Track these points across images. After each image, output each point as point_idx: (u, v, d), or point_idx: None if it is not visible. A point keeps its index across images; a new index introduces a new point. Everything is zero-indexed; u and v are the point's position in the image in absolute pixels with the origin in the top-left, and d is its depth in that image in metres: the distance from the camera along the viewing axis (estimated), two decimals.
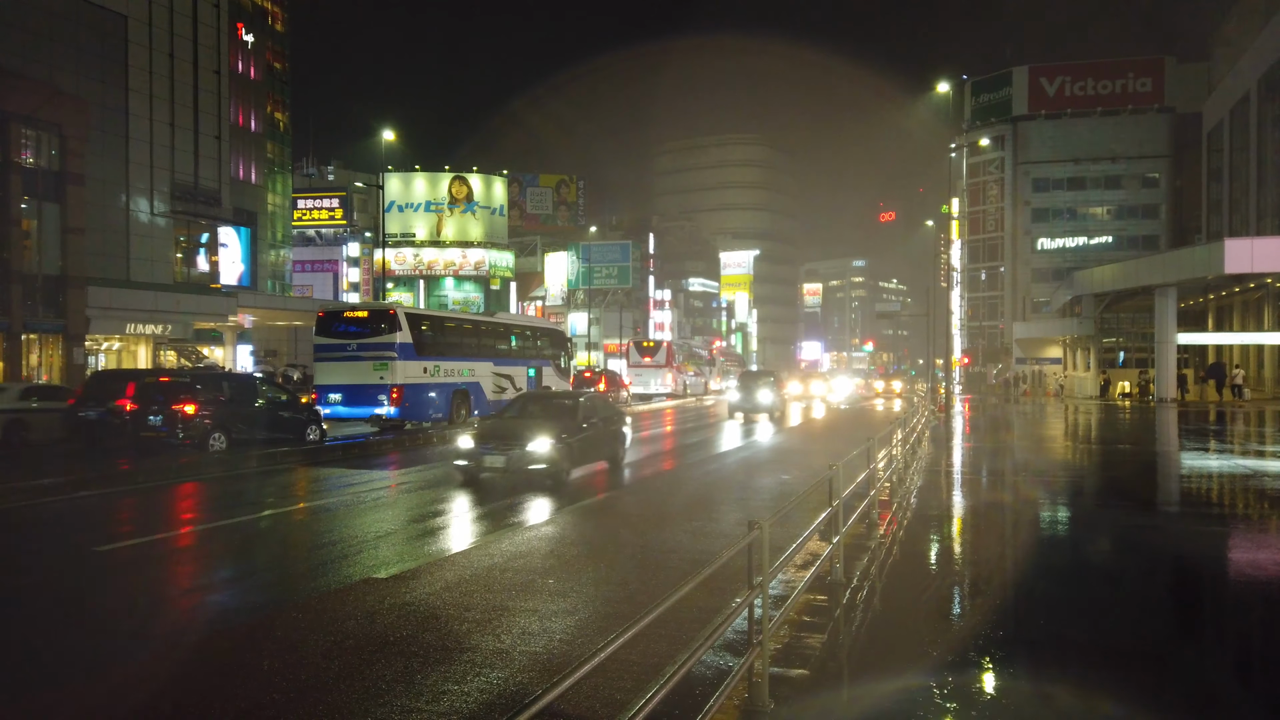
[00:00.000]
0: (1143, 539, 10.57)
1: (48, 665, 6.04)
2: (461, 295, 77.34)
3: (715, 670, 5.55)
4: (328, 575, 8.42)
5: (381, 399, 22.37)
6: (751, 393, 31.54)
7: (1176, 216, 73.76)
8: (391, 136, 42.48)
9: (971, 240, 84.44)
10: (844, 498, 7.32)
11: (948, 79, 72.71)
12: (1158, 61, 75.50)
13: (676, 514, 11.75)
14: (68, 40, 36.29)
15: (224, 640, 6.51)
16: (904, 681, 5.61)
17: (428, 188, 77.66)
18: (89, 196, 34.86)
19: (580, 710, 4.88)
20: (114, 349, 40.19)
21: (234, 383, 21.30)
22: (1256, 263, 33.90)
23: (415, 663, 5.82)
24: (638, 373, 50.35)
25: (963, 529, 10.96)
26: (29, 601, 7.87)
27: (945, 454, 19.39)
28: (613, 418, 16.44)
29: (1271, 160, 44.76)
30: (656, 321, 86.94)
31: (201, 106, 43.59)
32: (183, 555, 9.91)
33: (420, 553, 9.37)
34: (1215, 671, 6.26)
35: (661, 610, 3.67)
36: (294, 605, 7.32)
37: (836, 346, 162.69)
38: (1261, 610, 7.58)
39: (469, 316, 31.42)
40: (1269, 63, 44.36)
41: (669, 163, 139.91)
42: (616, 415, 16.76)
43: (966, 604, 7.61)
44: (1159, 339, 40.07)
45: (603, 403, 16.86)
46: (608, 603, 7.29)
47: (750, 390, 31.70)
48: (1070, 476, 16.34)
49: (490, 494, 13.31)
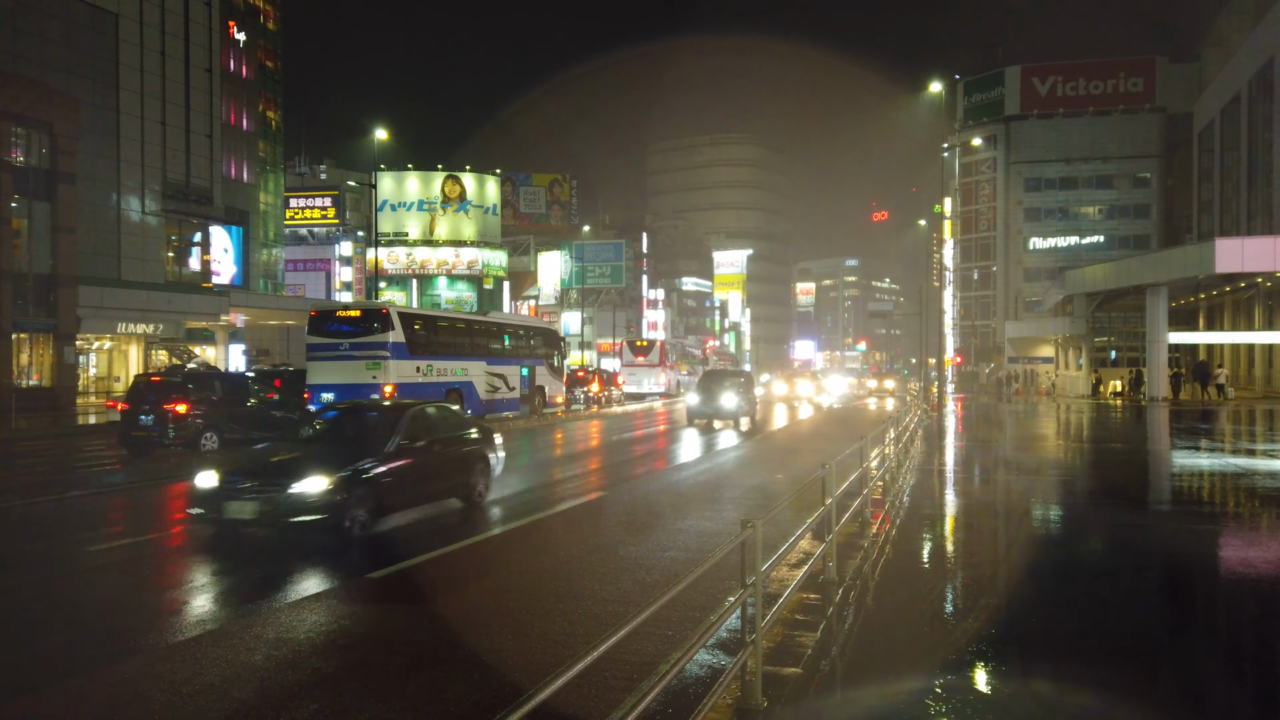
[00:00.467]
0: (1133, 537, 10.62)
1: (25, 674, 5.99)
2: (454, 295, 77.24)
3: (708, 669, 5.56)
4: (307, 580, 8.39)
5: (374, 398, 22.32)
6: (714, 396, 27.18)
7: (1168, 216, 74.07)
8: (384, 135, 42.38)
9: (964, 239, 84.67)
10: (836, 496, 7.33)
11: (940, 79, 72.70)
12: (1149, 62, 75.80)
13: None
14: (59, 38, 36.15)
15: (224, 634, 6.47)
16: (897, 679, 5.62)
17: (421, 187, 77.53)
18: (80, 195, 34.74)
19: (574, 709, 4.87)
20: (105, 348, 40.05)
21: (226, 382, 21.24)
22: (1247, 262, 34.05)
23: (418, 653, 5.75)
24: (631, 372, 50.68)
25: (955, 527, 10.99)
26: (21, 604, 7.84)
27: (937, 453, 19.43)
28: (466, 438, 12.32)
29: (1262, 160, 44.97)
30: (650, 321, 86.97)
31: (193, 105, 43.45)
32: (172, 555, 9.87)
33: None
34: (1208, 669, 6.29)
35: (655, 608, 3.67)
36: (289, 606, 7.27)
37: (830, 346, 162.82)
38: (1253, 607, 7.61)
39: (462, 316, 31.37)
40: (1260, 63, 44.56)
41: (662, 162, 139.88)
42: (476, 434, 12.63)
43: (959, 602, 7.63)
44: (1150, 338, 40.21)
45: (449, 417, 12.67)
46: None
47: (712, 393, 27.27)
48: (1061, 475, 16.39)
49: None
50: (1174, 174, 72.40)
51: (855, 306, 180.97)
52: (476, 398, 26.32)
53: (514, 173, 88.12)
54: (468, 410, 25.84)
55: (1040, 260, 77.08)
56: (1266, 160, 44.29)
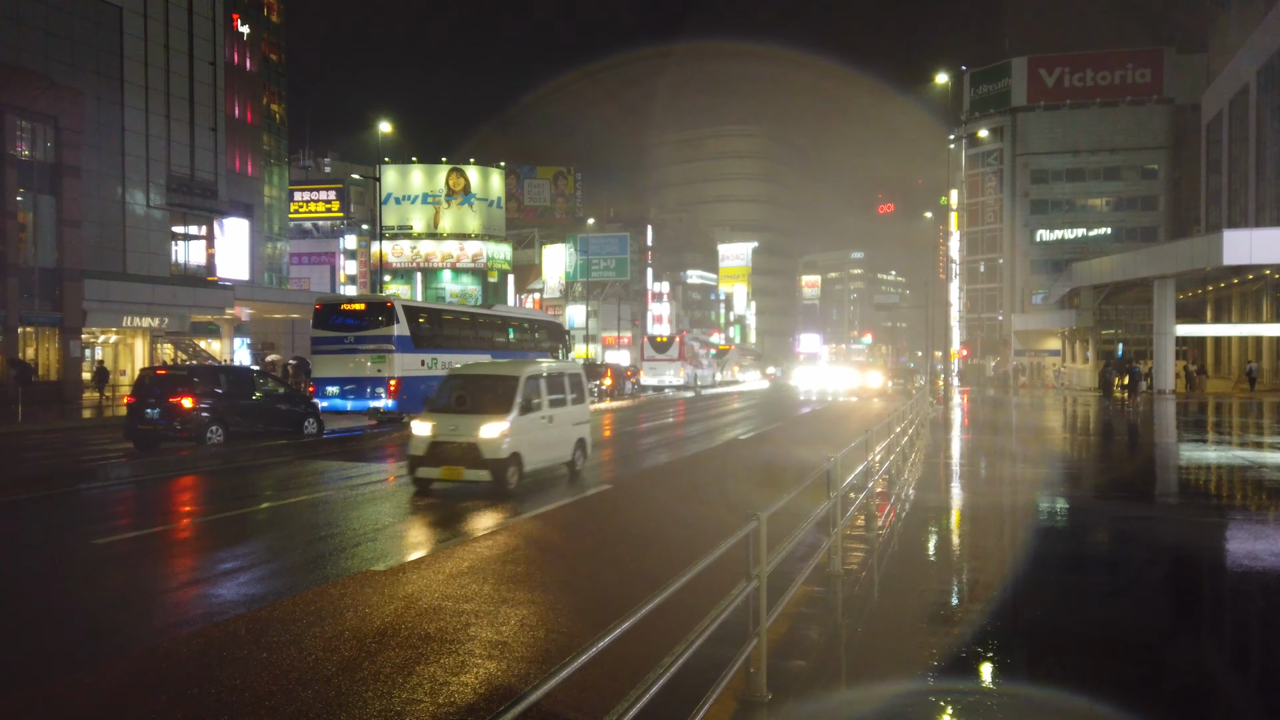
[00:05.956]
0: (1139, 529, 10.58)
1: (37, 665, 6.02)
2: (459, 288, 77.25)
3: (713, 661, 5.54)
4: (325, 568, 8.41)
5: (379, 392, 22.33)
6: (456, 425, 24.15)
7: (1175, 208, 73.70)
8: (388, 128, 42.51)
9: (970, 232, 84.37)
10: (841, 490, 7.31)
11: (947, 70, 72.58)
12: (1156, 52, 75.35)
13: None
14: (63, 32, 36.14)
15: (221, 632, 6.49)
16: (902, 672, 5.60)
17: (425, 180, 77.49)
18: (85, 189, 34.78)
19: (576, 699, 4.86)
20: (111, 342, 40.15)
21: (231, 376, 21.26)
22: (1255, 254, 33.88)
23: (414, 655, 5.80)
24: (652, 366, 52.31)
25: (961, 520, 10.97)
26: (22, 598, 7.86)
27: (943, 446, 19.40)
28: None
29: (1270, 152, 44.70)
30: (655, 314, 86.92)
31: (197, 98, 43.43)
32: (180, 548, 9.90)
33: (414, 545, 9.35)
34: (1216, 666, 6.26)
35: (660, 600, 3.65)
36: (291, 598, 7.30)
37: (835, 339, 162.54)
38: (1261, 600, 7.58)
39: (466, 309, 31.40)
40: (1268, 54, 44.27)
41: (667, 154, 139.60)
42: None
43: (965, 595, 7.61)
44: (1158, 331, 40.08)
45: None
46: None
47: (456, 416, 23.68)
48: (1067, 466, 16.36)
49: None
50: (1181, 166, 72.01)
51: (861, 299, 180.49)
52: None
53: (518, 165, 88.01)
54: None
55: (1047, 253, 76.74)
56: (1275, 152, 44.03)
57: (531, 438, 12.85)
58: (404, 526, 10.58)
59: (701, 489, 13.82)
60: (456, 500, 12.21)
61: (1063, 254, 73.35)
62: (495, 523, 10.62)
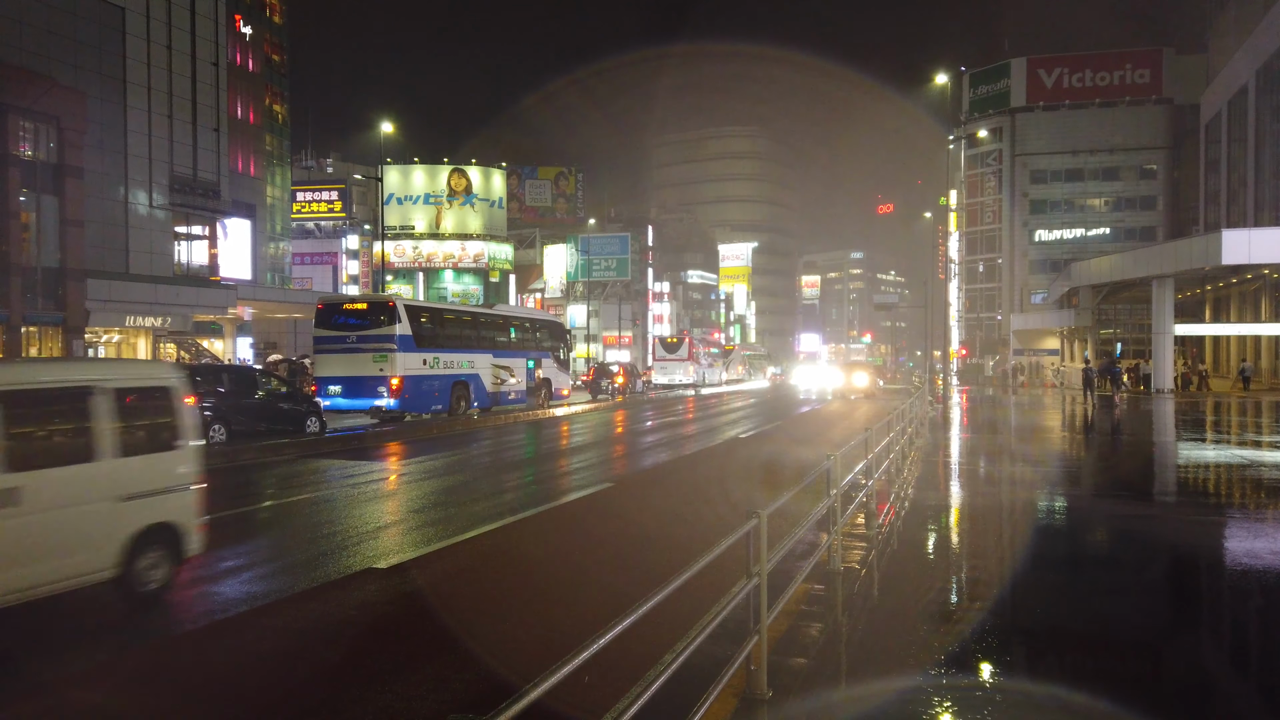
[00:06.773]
0: (1137, 527, 10.65)
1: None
2: (461, 287, 77.29)
3: (713, 659, 5.61)
4: (327, 566, 8.48)
5: (381, 391, 22.40)
6: None
7: (1174, 208, 73.74)
8: (390, 129, 42.44)
9: (969, 232, 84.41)
10: (841, 487, 7.38)
11: (946, 71, 72.28)
12: (1155, 53, 75.37)
13: None
14: (66, 33, 36.19)
15: (225, 628, 6.57)
16: (902, 670, 5.66)
17: (426, 180, 77.53)
18: (87, 189, 34.81)
19: (578, 695, 4.94)
20: (113, 341, 40.21)
21: (233, 375, 21.34)
22: (1254, 254, 33.94)
23: (416, 651, 5.87)
24: (662, 366, 54.53)
25: (960, 518, 11.03)
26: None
27: (943, 445, 19.46)
28: None
29: (1269, 152, 44.77)
30: (655, 314, 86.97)
31: (199, 99, 43.46)
32: None
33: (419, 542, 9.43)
34: (1213, 663, 6.34)
35: (662, 597, 3.73)
36: (295, 595, 7.38)
37: (835, 338, 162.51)
38: (1259, 598, 7.65)
39: (468, 309, 31.44)
40: (1267, 54, 44.32)
41: (667, 155, 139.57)
42: None
43: (964, 593, 7.68)
44: (1156, 330, 40.13)
45: None
46: None
47: None
48: (1065, 465, 16.42)
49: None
50: (1180, 166, 72.04)
51: (860, 299, 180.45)
52: (483, 390, 26.41)
53: (520, 166, 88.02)
54: (474, 403, 25.96)
55: (1046, 253, 76.78)
56: (1274, 152, 44.10)
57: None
58: (406, 525, 10.66)
59: (704, 488, 13.88)
60: (457, 499, 12.27)
61: (1062, 254, 73.41)
62: (495, 522, 10.70)
